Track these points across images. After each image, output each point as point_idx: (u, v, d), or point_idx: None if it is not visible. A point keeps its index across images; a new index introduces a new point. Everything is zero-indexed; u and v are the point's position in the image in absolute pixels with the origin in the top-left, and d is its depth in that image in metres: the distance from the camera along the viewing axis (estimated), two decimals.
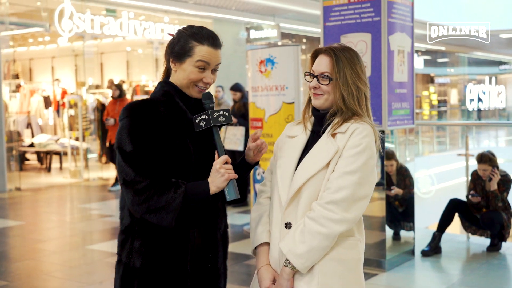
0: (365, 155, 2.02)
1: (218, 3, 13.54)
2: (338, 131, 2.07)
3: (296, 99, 6.26)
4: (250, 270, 5.34)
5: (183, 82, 2.13)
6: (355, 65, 2.11)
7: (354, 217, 2.02)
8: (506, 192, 5.78)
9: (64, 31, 11.17)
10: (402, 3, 5.18)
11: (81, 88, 15.71)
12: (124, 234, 2.12)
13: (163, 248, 2.06)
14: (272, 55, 6.32)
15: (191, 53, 2.10)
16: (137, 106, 2.05)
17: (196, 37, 2.11)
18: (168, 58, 2.16)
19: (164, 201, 1.97)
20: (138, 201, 1.97)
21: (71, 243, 6.63)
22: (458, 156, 7.25)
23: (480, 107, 27.23)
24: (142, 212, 1.98)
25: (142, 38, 13.07)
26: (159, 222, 1.99)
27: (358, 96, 2.10)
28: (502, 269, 5.37)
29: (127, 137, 2.00)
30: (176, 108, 2.09)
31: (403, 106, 5.23)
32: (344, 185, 1.99)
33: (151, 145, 2.00)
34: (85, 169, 11.92)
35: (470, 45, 25.23)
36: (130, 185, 1.98)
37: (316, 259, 2.01)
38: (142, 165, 1.98)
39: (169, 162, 2.03)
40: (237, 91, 8.38)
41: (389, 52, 4.99)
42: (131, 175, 1.98)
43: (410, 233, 5.75)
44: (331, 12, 5.21)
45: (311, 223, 2.00)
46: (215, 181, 2.03)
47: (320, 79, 2.12)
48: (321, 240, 1.98)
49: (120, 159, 2.01)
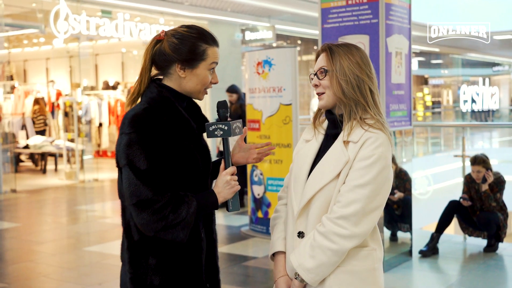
0: (377, 167, 1.96)
1: (214, 4, 13.54)
2: (351, 139, 2.01)
3: (293, 100, 6.28)
4: (248, 271, 5.35)
5: (195, 88, 2.05)
6: (353, 56, 2.05)
7: (365, 231, 1.98)
8: (499, 193, 5.81)
9: (59, 33, 11.14)
10: (400, 5, 5.20)
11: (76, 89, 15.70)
12: (133, 250, 2.02)
13: (180, 263, 2.02)
14: (269, 57, 6.34)
15: (205, 57, 2.02)
16: (142, 118, 1.94)
17: (205, 39, 2.03)
18: (169, 65, 2.03)
19: (181, 217, 1.92)
20: (154, 219, 1.89)
21: (68, 245, 6.62)
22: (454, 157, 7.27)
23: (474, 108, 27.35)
24: (157, 230, 1.91)
25: (138, 40, 13.05)
26: (173, 238, 1.94)
27: (359, 85, 2.03)
28: (499, 269, 5.41)
29: (141, 154, 1.90)
30: (179, 116, 2.01)
31: (401, 108, 5.26)
32: (355, 199, 1.95)
33: (165, 159, 1.93)
34: (81, 170, 11.90)
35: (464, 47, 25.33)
36: (147, 205, 1.89)
37: (326, 273, 1.99)
38: (158, 183, 1.91)
39: (180, 173, 1.98)
40: (233, 93, 8.38)
41: (387, 54, 5.02)
42: (147, 194, 1.89)
43: (407, 234, 5.77)
44: (329, 14, 5.22)
45: (320, 238, 1.97)
46: (223, 192, 2.01)
47: (318, 74, 2.09)
48: (330, 256, 1.96)
49: (133, 177, 1.90)
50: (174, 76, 2.05)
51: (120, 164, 1.97)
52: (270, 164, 6.41)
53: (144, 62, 2.07)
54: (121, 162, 1.95)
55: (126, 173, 1.93)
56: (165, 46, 2.02)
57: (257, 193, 6.59)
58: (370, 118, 2.04)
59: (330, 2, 5.21)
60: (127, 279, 2.04)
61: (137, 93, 2.07)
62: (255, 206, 6.63)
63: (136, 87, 2.07)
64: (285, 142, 6.31)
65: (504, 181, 5.83)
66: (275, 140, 6.35)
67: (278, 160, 6.35)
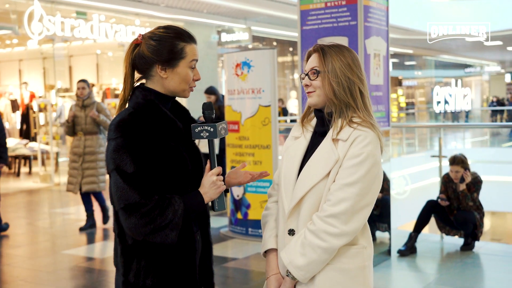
0: (366, 165, 1.98)
1: (190, 6, 13.52)
2: (340, 137, 2.03)
3: (272, 102, 6.30)
4: (228, 272, 5.35)
5: (179, 86, 2.07)
6: (345, 58, 2.07)
7: (355, 229, 2.00)
8: (476, 192, 5.91)
9: (33, 34, 11.02)
10: (378, 8, 5.26)
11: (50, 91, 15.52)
12: (126, 254, 2.02)
13: (173, 265, 2.02)
14: (248, 58, 6.35)
15: (184, 55, 2.04)
16: (128, 122, 1.95)
17: (182, 37, 2.05)
18: (150, 67, 2.05)
19: (168, 219, 1.92)
20: (142, 223, 1.90)
21: (45, 249, 6.54)
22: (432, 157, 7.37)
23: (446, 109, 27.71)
24: (146, 234, 1.92)
25: (113, 41, 12.97)
26: (163, 240, 1.94)
27: (350, 87, 2.05)
28: (476, 267, 5.50)
29: (128, 157, 1.91)
30: (164, 118, 2.02)
31: (379, 109, 5.32)
32: (344, 197, 1.97)
33: (152, 162, 1.94)
34: (56, 173, 11.76)
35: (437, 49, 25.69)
36: (135, 208, 1.90)
37: (316, 270, 2.02)
38: (146, 186, 1.91)
39: (168, 175, 1.98)
40: (211, 94, 8.38)
41: (366, 55, 5.07)
42: (135, 198, 1.90)
43: (385, 234, 5.84)
44: (308, 16, 5.26)
45: (311, 236, 2.00)
46: (209, 192, 2.03)
47: (310, 75, 2.11)
48: (320, 254, 1.99)
49: (121, 182, 1.91)
50: (156, 77, 2.06)
51: (108, 170, 1.98)
52: (250, 165, 6.42)
53: (125, 68, 2.09)
54: (109, 167, 1.96)
55: (113, 178, 1.94)
56: (143, 49, 2.04)
57: (237, 194, 6.60)
58: (357, 117, 2.06)
59: (309, 4, 5.24)
60: (120, 283, 2.04)
61: (123, 100, 2.09)
62: (235, 208, 6.64)
63: (122, 94, 2.09)
64: (264, 143, 6.33)
65: (481, 181, 5.92)
66: (254, 141, 6.37)
67: (257, 161, 6.37)
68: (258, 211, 6.39)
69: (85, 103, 7.21)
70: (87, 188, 7.08)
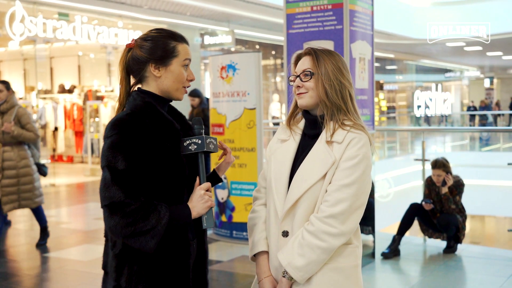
0: (361, 166, 2.03)
1: (173, 8, 13.50)
2: (335, 139, 2.06)
3: (257, 105, 6.32)
4: (212, 275, 5.34)
5: (172, 85, 2.07)
6: (337, 62, 2.11)
7: (351, 229, 2.05)
8: (459, 196, 5.98)
9: (15, 35, 10.91)
10: (363, 12, 5.30)
11: (30, 93, 15.37)
12: (117, 259, 2.01)
13: (165, 268, 2.01)
14: (233, 61, 6.36)
15: (176, 53, 2.07)
16: (125, 121, 1.96)
17: (174, 37, 2.08)
18: (144, 67, 2.06)
19: (151, 225, 1.89)
20: (123, 223, 1.88)
21: (28, 251, 6.47)
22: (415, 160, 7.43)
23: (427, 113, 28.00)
24: (125, 235, 1.89)
25: (95, 43, 12.89)
26: (141, 246, 1.91)
27: (342, 91, 2.09)
28: (459, 270, 5.56)
29: (120, 154, 1.90)
30: (162, 120, 2.02)
31: (364, 112, 5.36)
32: (342, 198, 2.01)
33: (146, 161, 1.94)
34: None
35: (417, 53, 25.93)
36: (118, 207, 1.88)
37: (314, 271, 2.04)
38: (133, 186, 1.90)
39: (163, 177, 1.98)
40: (195, 97, 8.37)
41: (351, 59, 5.11)
42: (120, 197, 1.88)
43: (369, 237, 5.87)
44: (294, 20, 5.28)
45: (310, 237, 2.01)
46: (197, 207, 2.01)
47: (302, 76, 2.12)
48: (319, 254, 2.01)
49: (109, 179, 1.90)
50: (150, 78, 2.08)
51: (101, 166, 1.97)
52: (234, 168, 6.42)
53: (120, 73, 2.12)
54: (102, 163, 1.95)
55: (103, 174, 1.93)
56: (136, 51, 2.07)
57: (221, 197, 6.60)
58: (348, 120, 2.10)
59: (295, 8, 5.27)
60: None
61: (121, 104, 2.10)
62: (219, 210, 6.63)
63: (119, 99, 2.11)
64: (249, 146, 6.34)
65: (463, 184, 6.00)
66: (240, 144, 6.37)
67: (242, 164, 6.37)
68: (242, 214, 6.39)
69: (1, 109, 6.16)
70: (22, 205, 6.30)
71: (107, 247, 2.09)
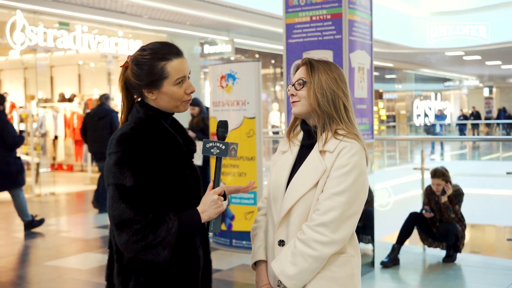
0: (353, 175, 2.03)
1: (173, 18, 13.54)
2: (327, 149, 2.08)
3: (257, 114, 6.34)
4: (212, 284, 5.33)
5: (169, 104, 2.05)
6: (332, 72, 2.14)
7: (343, 237, 2.05)
8: (458, 205, 5.99)
9: (16, 44, 10.95)
10: (362, 22, 5.34)
11: (31, 101, 15.39)
12: (124, 270, 2.00)
13: (174, 281, 2.00)
14: (233, 71, 6.39)
15: (166, 74, 2.00)
16: (130, 136, 1.95)
17: (162, 57, 2.00)
18: (138, 91, 2.06)
19: (161, 237, 1.90)
20: (134, 240, 1.88)
21: (28, 260, 6.48)
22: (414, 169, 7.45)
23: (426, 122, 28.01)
24: (137, 251, 1.90)
25: (96, 52, 12.93)
26: (154, 258, 1.92)
27: (334, 100, 2.10)
28: (458, 279, 5.56)
29: (128, 171, 1.89)
30: (166, 133, 2.02)
31: (363, 122, 5.38)
32: (333, 206, 2.02)
33: (153, 177, 1.93)
34: (36, 184, 11.64)
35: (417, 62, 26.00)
36: (127, 224, 1.88)
37: (307, 279, 2.05)
38: (142, 202, 1.90)
39: (169, 190, 1.97)
40: (195, 106, 8.38)
41: (350, 69, 5.13)
42: (129, 214, 1.88)
43: (369, 246, 5.87)
44: (294, 30, 5.31)
45: (301, 245, 2.03)
46: (208, 211, 1.99)
47: (296, 85, 2.17)
48: (311, 262, 2.02)
49: (117, 197, 1.89)
50: (147, 98, 2.07)
51: (106, 183, 1.96)
52: (234, 177, 6.44)
53: (121, 90, 2.10)
54: (108, 181, 1.93)
55: (110, 192, 1.92)
56: (129, 75, 2.05)
57: None
58: (342, 129, 2.12)
59: (294, 17, 5.30)
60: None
61: (124, 119, 2.10)
62: None
63: (123, 110, 2.11)
64: (249, 155, 6.36)
65: (463, 194, 6.01)
66: (239, 153, 6.37)
67: (241, 173, 6.39)
68: (242, 223, 6.40)
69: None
70: None
71: (111, 259, 2.08)
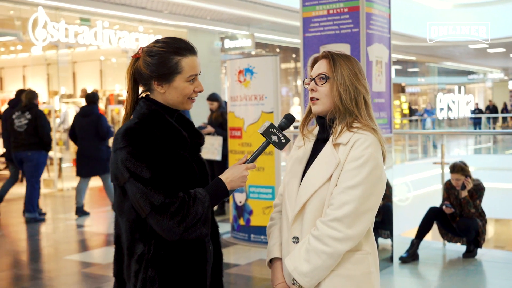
0: (367, 167, 1.96)
1: (193, 13, 13.57)
2: (340, 141, 2.02)
3: (275, 108, 6.32)
4: (230, 278, 5.35)
5: (177, 100, 2.06)
6: (353, 67, 2.08)
7: (359, 233, 1.98)
8: (479, 200, 5.90)
9: (38, 40, 11.07)
10: (380, 15, 5.28)
11: (54, 97, 15.55)
12: (137, 263, 2.01)
13: (183, 274, 2.01)
14: (251, 65, 6.38)
15: (180, 70, 2.02)
16: (135, 131, 1.96)
17: (178, 51, 2.02)
18: (147, 83, 2.07)
19: (199, 214, 1.94)
20: (175, 223, 1.90)
21: (48, 254, 6.56)
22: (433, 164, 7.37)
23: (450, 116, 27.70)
24: (181, 233, 1.92)
25: (117, 47, 13.01)
26: (197, 236, 1.96)
27: (356, 97, 2.06)
28: (479, 274, 5.49)
29: (142, 164, 1.91)
30: (170, 128, 2.03)
31: (381, 116, 5.33)
32: (347, 200, 1.95)
33: (166, 167, 1.95)
34: (59, 179, 11.78)
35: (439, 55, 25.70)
36: (163, 209, 1.89)
37: (321, 277, 1.99)
38: (167, 186, 1.92)
39: (177, 182, 1.97)
40: (214, 101, 8.39)
41: (368, 62, 5.09)
42: (160, 199, 1.89)
43: (387, 241, 5.83)
44: (311, 23, 5.28)
45: (315, 242, 1.98)
46: (234, 181, 2.05)
47: (317, 80, 2.10)
48: (325, 259, 1.96)
49: (142, 187, 1.90)
50: (156, 91, 2.07)
51: (121, 179, 1.96)
52: (252, 171, 6.43)
53: (128, 82, 2.11)
54: (124, 176, 1.94)
55: (132, 185, 1.92)
56: (140, 65, 2.05)
57: (239, 200, 6.61)
58: (357, 122, 2.07)
59: (311, 11, 5.27)
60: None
61: (128, 112, 2.11)
62: (237, 214, 6.65)
63: (126, 107, 2.11)
64: (267, 150, 6.34)
65: (484, 188, 5.92)
66: (257, 147, 6.37)
67: (260, 168, 6.38)
68: (260, 217, 6.40)
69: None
70: None
71: (118, 254, 2.10)
